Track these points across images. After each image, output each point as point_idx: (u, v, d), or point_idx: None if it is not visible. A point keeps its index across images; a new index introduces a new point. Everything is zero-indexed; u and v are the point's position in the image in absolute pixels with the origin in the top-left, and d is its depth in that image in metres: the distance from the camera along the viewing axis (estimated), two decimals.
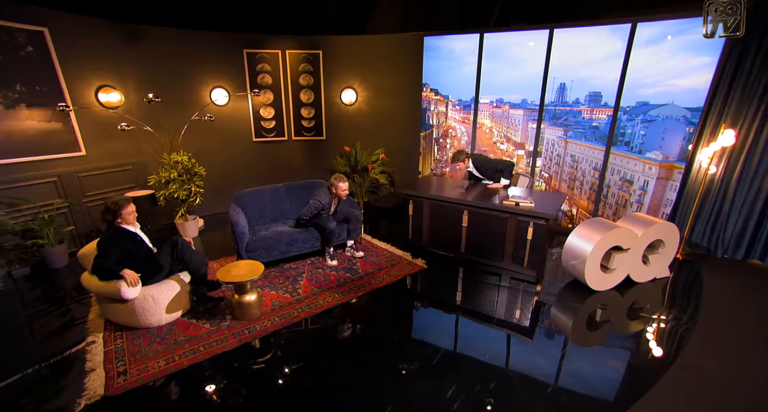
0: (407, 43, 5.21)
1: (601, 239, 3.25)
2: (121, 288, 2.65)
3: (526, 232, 3.63)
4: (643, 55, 4.02)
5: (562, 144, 4.74)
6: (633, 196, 4.46)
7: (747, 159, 3.95)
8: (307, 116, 5.69)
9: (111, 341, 2.78)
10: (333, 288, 3.55)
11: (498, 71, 4.82)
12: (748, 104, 3.83)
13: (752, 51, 3.70)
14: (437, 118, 5.48)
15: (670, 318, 3.13)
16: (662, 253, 3.60)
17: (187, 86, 5.01)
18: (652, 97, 4.11)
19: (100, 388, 2.33)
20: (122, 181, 4.68)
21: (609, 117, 4.35)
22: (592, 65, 4.29)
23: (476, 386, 2.36)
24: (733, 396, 2.29)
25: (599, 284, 3.43)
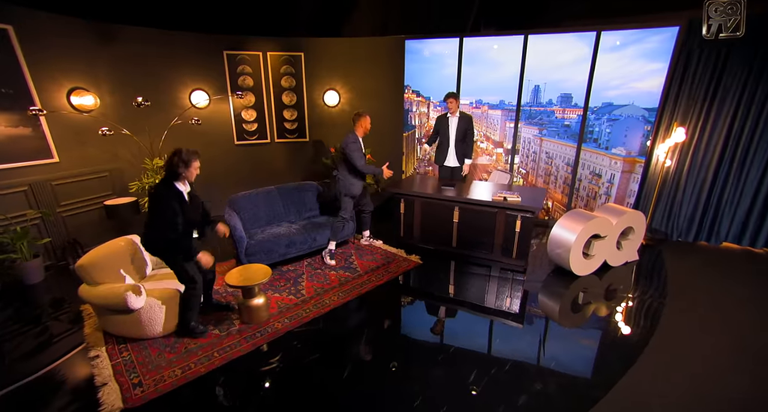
0: (389, 46, 5.35)
1: (582, 229, 3.58)
2: (128, 298, 2.57)
3: (514, 225, 3.90)
4: (607, 61, 4.44)
5: (537, 142, 5.09)
6: (602, 189, 4.89)
7: (695, 153, 4.48)
8: (289, 118, 5.67)
9: (117, 354, 2.69)
10: (336, 287, 3.62)
11: (477, 74, 5.09)
12: (694, 105, 4.35)
13: (695, 59, 4.21)
14: (419, 119, 5.67)
15: (644, 295, 3.52)
16: (632, 239, 4.01)
17: (165, 89, 4.83)
18: (615, 99, 4.54)
19: (117, 400, 2.27)
20: (99, 188, 4.44)
21: (579, 116, 4.74)
22: (563, 69, 4.65)
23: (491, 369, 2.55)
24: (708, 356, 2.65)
25: (581, 270, 3.77)
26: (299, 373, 2.56)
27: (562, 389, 2.39)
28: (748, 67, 4.01)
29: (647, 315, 3.23)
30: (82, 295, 2.75)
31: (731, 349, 2.72)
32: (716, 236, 4.63)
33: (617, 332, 3.02)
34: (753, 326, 3.01)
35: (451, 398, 2.30)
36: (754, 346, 2.76)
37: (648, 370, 2.50)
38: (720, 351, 2.70)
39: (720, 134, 4.31)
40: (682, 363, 2.58)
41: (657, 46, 4.23)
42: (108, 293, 2.65)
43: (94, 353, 2.70)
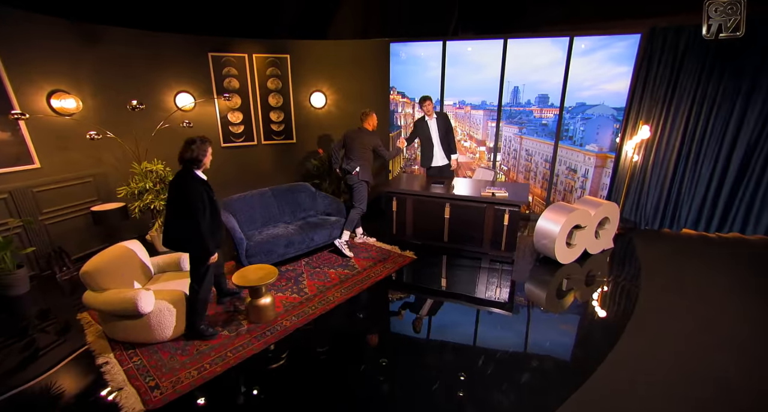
0: (374, 49, 5.48)
1: (566, 220, 3.87)
2: (138, 302, 2.56)
3: (502, 218, 4.14)
4: (579, 64, 4.78)
5: (517, 140, 5.39)
6: (577, 183, 5.26)
7: (658, 148, 4.92)
8: (276, 120, 5.68)
9: (127, 360, 2.66)
10: (337, 284, 3.72)
11: (460, 76, 5.32)
12: (656, 105, 4.78)
13: (655, 63, 4.62)
14: (405, 120, 5.84)
15: (621, 279, 3.86)
16: (608, 228, 4.37)
17: (150, 91, 4.72)
18: (587, 99, 4.90)
19: (137, 403, 2.27)
20: (82, 194, 4.29)
21: (555, 116, 5.08)
22: (540, 71, 4.96)
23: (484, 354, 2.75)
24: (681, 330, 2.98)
25: (565, 258, 4.07)
26: (313, 368, 2.65)
27: (551, 369, 2.63)
28: (701, 68, 4.46)
29: (626, 297, 3.55)
30: (87, 301, 2.70)
31: (707, 326, 3.06)
32: (677, 224, 5.10)
33: (600, 313, 3.31)
34: (721, 304, 3.39)
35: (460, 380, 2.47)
36: (726, 323, 3.13)
37: (631, 350, 2.77)
38: (698, 329, 3.04)
39: (678, 131, 4.76)
40: (664, 342, 2.88)
41: (623, 52, 4.61)
42: (116, 298, 2.62)
43: (102, 360, 2.66)
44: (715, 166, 4.77)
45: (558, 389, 2.39)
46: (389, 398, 2.36)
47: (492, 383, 2.43)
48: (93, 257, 2.80)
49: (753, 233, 4.85)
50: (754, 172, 4.64)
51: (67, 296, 3.61)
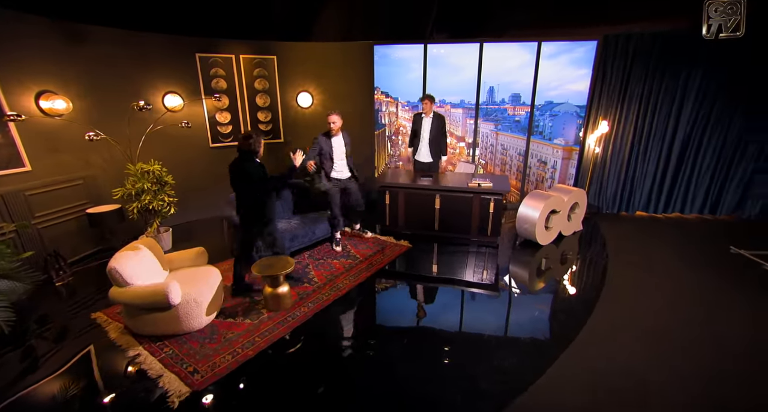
0: (359, 50, 5.73)
1: (544, 206, 4.36)
2: (169, 294, 2.68)
3: (488, 207, 4.56)
4: (546, 66, 5.32)
5: (493, 136, 5.87)
6: (547, 174, 5.83)
7: (615, 141, 5.58)
8: (264, 120, 5.77)
9: (158, 351, 2.76)
10: (344, 273, 3.96)
11: (440, 77, 5.71)
12: (612, 103, 5.42)
13: (609, 66, 5.25)
14: (389, 118, 6.14)
15: (593, 257, 4.41)
16: (578, 212, 4.93)
17: (137, 91, 4.68)
18: (555, 98, 5.46)
19: (181, 386, 2.41)
20: (73, 197, 4.20)
21: (527, 113, 5.60)
22: (512, 73, 5.46)
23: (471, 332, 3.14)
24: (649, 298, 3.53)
25: (544, 240, 4.56)
26: (337, 347, 2.90)
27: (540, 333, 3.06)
28: (646, 71, 5.14)
29: (597, 270, 4.09)
30: (114, 297, 2.76)
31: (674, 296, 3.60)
32: (632, 207, 5.81)
33: (578, 285, 3.81)
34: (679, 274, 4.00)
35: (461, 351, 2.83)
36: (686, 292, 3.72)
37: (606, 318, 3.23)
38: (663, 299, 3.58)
39: (630, 126, 5.44)
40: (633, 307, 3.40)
41: (583, 56, 5.21)
42: (146, 291, 2.72)
43: (133, 352, 2.75)
44: (660, 157, 5.50)
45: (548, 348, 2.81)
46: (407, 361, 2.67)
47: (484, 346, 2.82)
48: (116, 254, 2.86)
49: (690, 212, 5.65)
50: (689, 161, 5.41)
51: (71, 299, 3.57)
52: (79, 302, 3.49)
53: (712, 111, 5.17)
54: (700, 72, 5.00)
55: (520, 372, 2.55)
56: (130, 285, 2.78)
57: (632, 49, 5.10)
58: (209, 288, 3.01)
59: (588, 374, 2.53)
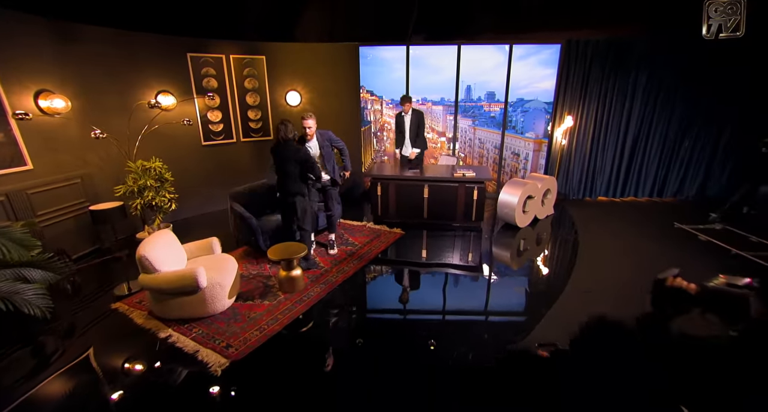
0: (345, 51, 6.03)
1: (522, 192, 4.88)
2: (198, 277, 2.89)
3: (472, 194, 5.03)
4: (518, 67, 5.87)
5: (471, 131, 6.37)
6: (520, 165, 6.40)
7: (578, 134, 6.24)
8: (254, 118, 5.94)
9: (187, 332, 2.96)
10: (347, 258, 4.27)
11: (422, 76, 6.12)
12: (575, 100, 6.06)
13: (572, 67, 5.88)
14: (374, 115, 6.48)
15: (566, 237, 4.99)
16: (550, 198, 5.51)
17: (131, 90, 4.73)
18: (525, 95, 6.03)
19: (219, 358, 2.65)
20: (72, 196, 4.22)
21: (501, 109, 6.13)
22: (487, 72, 5.97)
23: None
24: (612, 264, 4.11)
25: (522, 223, 5.09)
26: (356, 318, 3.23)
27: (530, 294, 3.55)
28: (602, 72, 5.82)
29: (570, 247, 4.66)
30: (144, 282, 2.93)
31: (630, 261, 4.21)
32: (594, 193, 6.50)
33: (553, 263, 4.35)
34: (635, 247, 4.63)
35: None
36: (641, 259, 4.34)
37: (580, 278, 3.79)
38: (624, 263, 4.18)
39: (591, 120, 6.11)
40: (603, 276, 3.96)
41: (549, 58, 5.80)
42: (175, 276, 2.91)
43: (164, 334, 2.93)
44: (616, 148, 6.22)
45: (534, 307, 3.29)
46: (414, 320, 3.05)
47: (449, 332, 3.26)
48: (142, 243, 3.02)
49: (642, 196, 6.43)
50: (639, 151, 6.17)
51: (83, 293, 3.65)
52: (90, 296, 3.58)
53: (656, 108, 5.93)
54: (646, 74, 5.74)
55: (515, 325, 3.01)
56: (159, 271, 2.96)
57: (590, 53, 5.75)
58: (229, 273, 3.24)
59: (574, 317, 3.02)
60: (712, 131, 5.94)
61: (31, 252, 2.88)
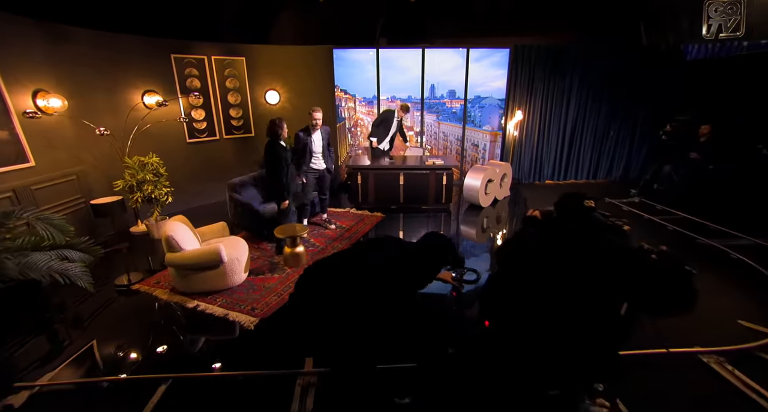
0: (320, 53, 6.52)
1: (483, 176, 5.69)
2: (221, 252, 3.33)
3: (442, 180, 5.76)
4: (474, 68, 6.70)
5: (436, 125, 7.13)
6: (479, 154, 7.26)
7: (527, 127, 7.21)
8: (235, 116, 6.26)
9: (212, 301, 3.38)
10: (338, 237, 4.83)
11: (391, 76, 6.77)
12: (523, 97, 7.01)
13: (519, 69, 6.83)
14: (348, 112, 7.04)
15: (521, 213, 5.88)
16: (507, 181, 6.40)
17: (119, 90, 4.93)
18: (481, 92, 6.88)
19: (248, 318, 3.13)
20: (69, 192, 4.40)
21: (461, 106, 6.94)
22: (448, 73, 6.74)
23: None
24: None
25: (485, 203, 5.92)
26: None
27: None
28: (543, 73, 6.82)
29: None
30: (171, 260, 3.31)
31: None
32: (542, 177, 7.54)
33: (514, 230, 5.20)
34: None
35: None
36: None
37: None
38: None
39: (537, 114, 7.11)
40: None
41: (500, 60, 6.68)
42: (200, 252, 3.33)
43: (192, 305, 3.34)
44: (558, 138, 7.27)
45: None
46: None
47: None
48: (167, 226, 3.40)
49: (580, 179, 7.56)
50: (576, 141, 7.28)
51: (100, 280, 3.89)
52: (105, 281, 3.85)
53: (587, 104, 7.04)
54: (578, 76, 6.81)
55: None
56: (183, 249, 3.35)
57: (534, 57, 6.71)
58: (243, 250, 3.68)
59: None
60: (630, 124, 7.16)
61: (66, 237, 3.16)
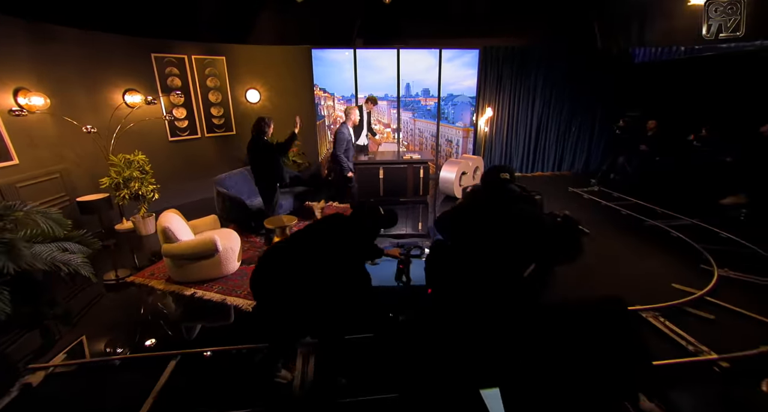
0: (299, 53, 6.71)
1: (458, 169, 6.08)
2: (217, 241, 3.52)
3: (419, 173, 6.11)
4: (447, 67, 7.10)
5: (412, 122, 7.48)
6: (453, 149, 7.68)
7: (497, 123, 7.69)
8: (216, 115, 6.36)
9: (209, 288, 3.56)
10: None
11: (368, 75, 7.06)
12: (493, 95, 7.49)
13: (488, 69, 7.29)
14: (327, 110, 7.26)
15: None
16: (479, 174, 6.83)
17: (100, 89, 4.96)
18: (454, 91, 7.29)
19: (246, 301, 3.33)
20: (54, 190, 4.41)
21: (435, 103, 7.33)
22: (423, 72, 7.11)
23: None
24: None
25: (459, 194, 6.32)
26: None
27: None
28: (511, 72, 7.31)
29: None
30: (168, 250, 3.46)
31: None
32: None
33: None
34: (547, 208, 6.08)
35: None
36: None
37: None
38: None
39: (506, 111, 7.60)
40: None
41: (471, 60, 7.12)
42: (196, 243, 3.50)
43: (189, 292, 3.50)
44: (525, 133, 7.80)
45: None
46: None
47: None
48: (161, 218, 3.54)
49: (546, 171, 8.14)
50: (542, 136, 7.84)
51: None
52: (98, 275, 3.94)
53: (551, 102, 7.60)
54: (542, 76, 7.35)
55: None
56: (179, 240, 3.51)
57: (501, 57, 7.19)
58: (236, 241, 3.88)
59: None
60: (589, 120, 7.79)
61: (64, 230, 3.24)
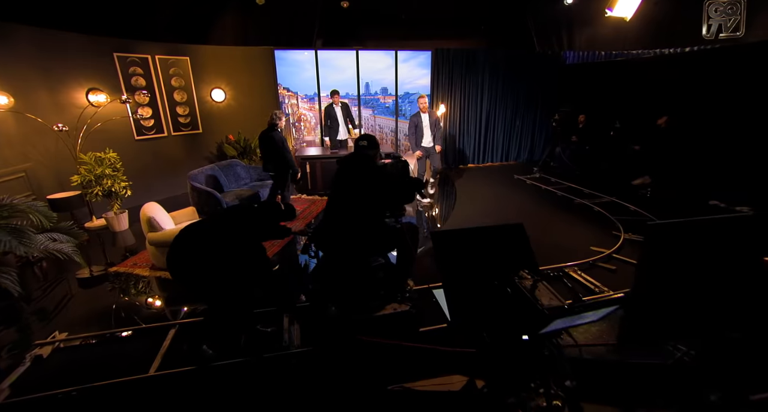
0: (262, 54, 6.97)
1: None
2: None
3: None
4: (403, 67, 7.68)
5: (373, 119, 7.98)
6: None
7: (450, 118, 8.40)
8: (182, 114, 6.47)
9: None
10: (301, 219, 5.44)
11: (329, 75, 7.46)
12: (446, 93, 8.17)
13: (441, 69, 7.96)
14: (291, 109, 7.57)
15: (448, 189, 6.99)
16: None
17: (62, 88, 4.97)
18: (410, 89, 7.89)
19: None
20: (20, 188, 4.41)
21: (393, 101, 7.88)
22: (380, 72, 7.63)
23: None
24: (481, 208, 6.18)
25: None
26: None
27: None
28: (461, 73, 8.04)
29: (452, 194, 6.64)
30: (154, 239, 3.68)
31: (488, 199, 6.34)
32: (465, 161, 8.81)
33: (443, 206, 6.26)
34: (492, 191, 6.84)
35: None
36: (495, 198, 6.52)
37: (462, 212, 5.72)
38: (485, 200, 6.29)
39: (457, 107, 8.32)
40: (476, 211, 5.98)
41: (424, 61, 7.75)
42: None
43: None
44: (475, 128, 8.58)
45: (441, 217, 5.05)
46: None
47: None
48: (144, 210, 3.75)
49: (495, 161, 8.99)
50: (490, 130, 8.67)
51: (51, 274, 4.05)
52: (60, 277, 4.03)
53: (497, 98, 8.44)
54: (488, 75, 8.15)
55: None
56: (164, 229, 3.75)
57: (452, 59, 7.88)
58: None
59: None
60: (531, 114, 8.72)
61: (50, 222, 3.37)
